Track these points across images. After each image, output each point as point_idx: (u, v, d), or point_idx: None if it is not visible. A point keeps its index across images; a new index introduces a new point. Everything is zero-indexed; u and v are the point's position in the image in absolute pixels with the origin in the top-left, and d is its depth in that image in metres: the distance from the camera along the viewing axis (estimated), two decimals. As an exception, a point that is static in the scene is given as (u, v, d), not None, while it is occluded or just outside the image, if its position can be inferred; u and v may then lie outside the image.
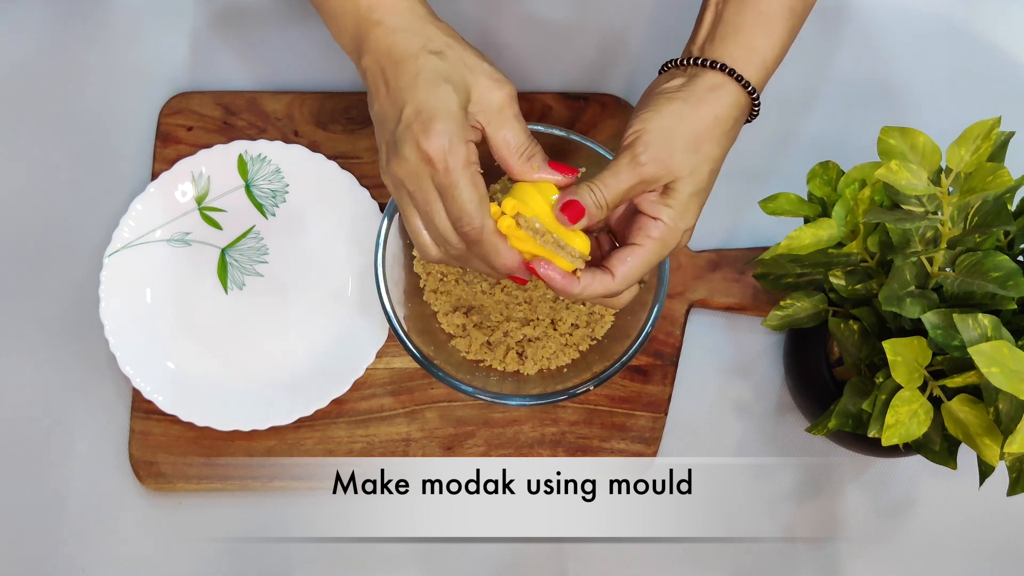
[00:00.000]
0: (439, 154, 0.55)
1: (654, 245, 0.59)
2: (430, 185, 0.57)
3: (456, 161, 0.56)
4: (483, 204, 0.57)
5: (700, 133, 0.59)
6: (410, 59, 0.57)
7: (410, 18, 0.59)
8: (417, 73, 0.57)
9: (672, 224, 0.59)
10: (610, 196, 0.58)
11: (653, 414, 0.77)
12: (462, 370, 0.72)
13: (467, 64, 0.58)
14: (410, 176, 0.57)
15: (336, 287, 0.78)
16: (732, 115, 0.60)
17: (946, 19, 0.85)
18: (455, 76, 0.57)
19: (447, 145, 0.55)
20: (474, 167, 0.57)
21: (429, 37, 0.58)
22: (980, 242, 0.58)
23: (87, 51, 0.83)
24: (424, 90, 0.56)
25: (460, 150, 0.56)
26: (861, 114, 0.82)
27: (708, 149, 0.59)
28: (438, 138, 0.55)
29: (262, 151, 0.79)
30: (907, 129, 0.59)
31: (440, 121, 0.55)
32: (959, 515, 0.77)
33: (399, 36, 0.58)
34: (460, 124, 0.56)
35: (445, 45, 0.58)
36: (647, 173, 0.58)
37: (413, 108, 0.56)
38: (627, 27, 0.84)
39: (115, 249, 0.76)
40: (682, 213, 0.59)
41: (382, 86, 0.58)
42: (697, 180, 0.59)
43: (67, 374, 0.78)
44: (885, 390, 0.58)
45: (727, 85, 0.59)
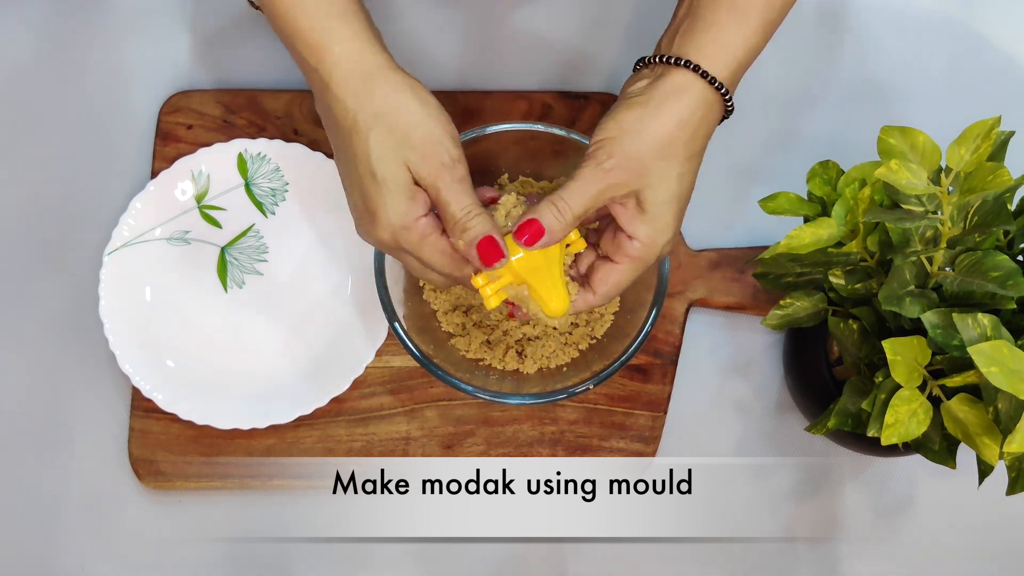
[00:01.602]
0: (392, 242, 0.58)
1: (632, 263, 0.60)
2: (397, 252, 0.60)
3: (410, 242, 0.58)
4: (452, 260, 0.59)
5: (663, 138, 0.57)
6: (346, 134, 0.58)
7: (344, 73, 0.57)
8: (355, 154, 0.57)
9: (649, 241, 0.59)
10: (575, 207, 0.57)
11: (652, 413, 0.77)
12: (461, 369, 0.72)
13: (403, 136, 0.57)
14: (378, 244, 0.60)
15: (335, 286, 0.78)
16: (698, 115, 0.58)
17: (946, 19, 0.85)
18: (388, 156, 0.57)
19: (394, 235, 0.58)
20: (430, 238, 0.58)
21: (360, 107, 0.57)
22: (980, 242, 0.58)
23: (87, 49, 0.83)
24: (364, 178, 0.57)
25: (408, 235, 0.58)
26: (861, 114, 0.82)
27: (674, 153, 0.57)
28: (385, 230, 0.58)
29: (262, 150, 0.79)
30: (907, 128, 0.59)
31: (382, 214, 0.57)
32: (958, 514, 0.77)
33: (331, 97, 0.58)
34: (402, 213, 0.57)
35: (377, 120, 0.57)
36: (612, 179, 0.57)
37: (358, 193, 0.58)
38: (627, 26, 0.84)
39: (115, 247, 0.76)
40: (658, 228, 0.59)
41: (332, 140, 0.60)
42: (667, 188, 0.58)
43: (67, 372, 0.78)
44: (884, 389, 0.58)
45: (692, 85, 0.57)
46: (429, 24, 0.84)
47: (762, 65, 0.81)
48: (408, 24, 0.84)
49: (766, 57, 0.72)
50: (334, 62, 0.57)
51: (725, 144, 0.75)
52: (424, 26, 0.84)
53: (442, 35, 0.84)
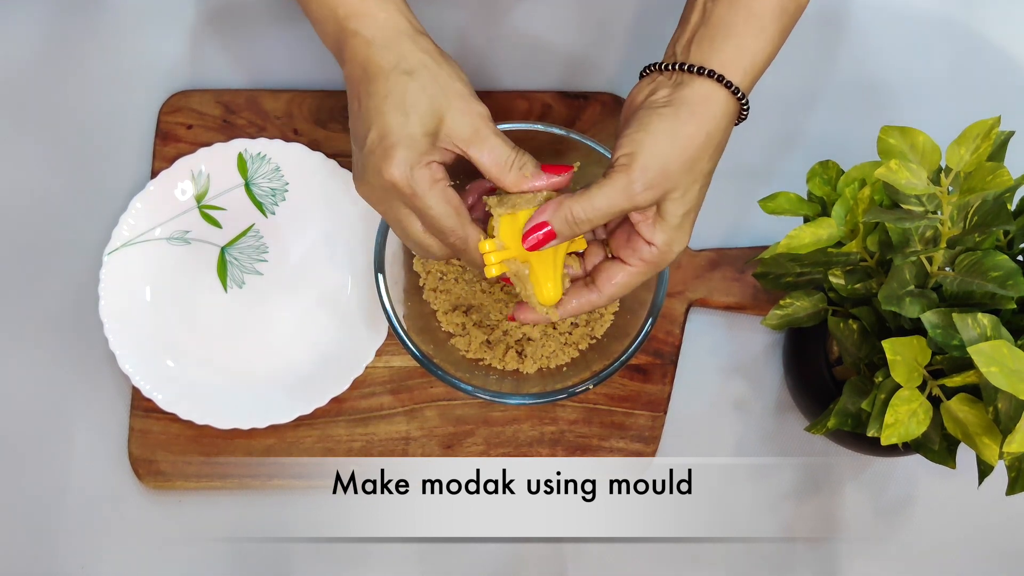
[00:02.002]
0: (403, 180, 0.56)
1: (645, 267, 0.60)
2: (399, 205, 0.58)
3: (421, 185, 0.57)
4: (459, 216, 0.58)
5: (693, 153, 0.56)
6: (381, 78, 0.57)
7: (388, 31, 0.58)
8: (386, 95, 0.57)
9: (666, 248, 0.59)
10: (592, 217, 0.57)
11: (652, 413, 0.77)
12: (461, 369, 0.72)
13: (440, 85, 0.57)
14: (378, 199, 0.59)
15: (335, 285, 0.78)
16: (723, 126, 0.58)
17: (946, 19, 0.85)
18: (424, 99, 0.57)
19: (408, 171, 0.56)
20: (441, 184, 0.57)
21: (403, 55, 0.58)
22: (980, 242, 0.58)
23: (87, 49, 0.83)
24: (389, 115, 0.56)
25: (423, 174, 0.57)
26: (861, 113, 0.82)
27: (700, 167, 0.57)
28: (399, 166, 0.56)
29: (262, 149, 0.79)
30: (907, 128, 0.59)
31: (400, 148, 0.56)
32: (958, 514, 0.77)
33: (373, 51, 0.58)
34: (421, 150, 0.56)
35: (419, 64, 0.57)
36: (641, 200, 0.56)
37: (377, 133, 0.57)
38: (627, 26, 0.84)
39: (115, 247, 0.76)
40: (676, 237, 0.59)
41: (355, 102, 0.59)
42: (688, 199, 0.58)
43: (67, 372, 0.78)
44: (884, 389, 0.58)
45: (716, 94, 0.57)
46: (429, 24, 0.83)
47: (762, 65, 0.82)
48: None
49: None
50: (380, 25, 0.58)
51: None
52: (424, 26, 0.84)
53: (442, 35, 0.83)
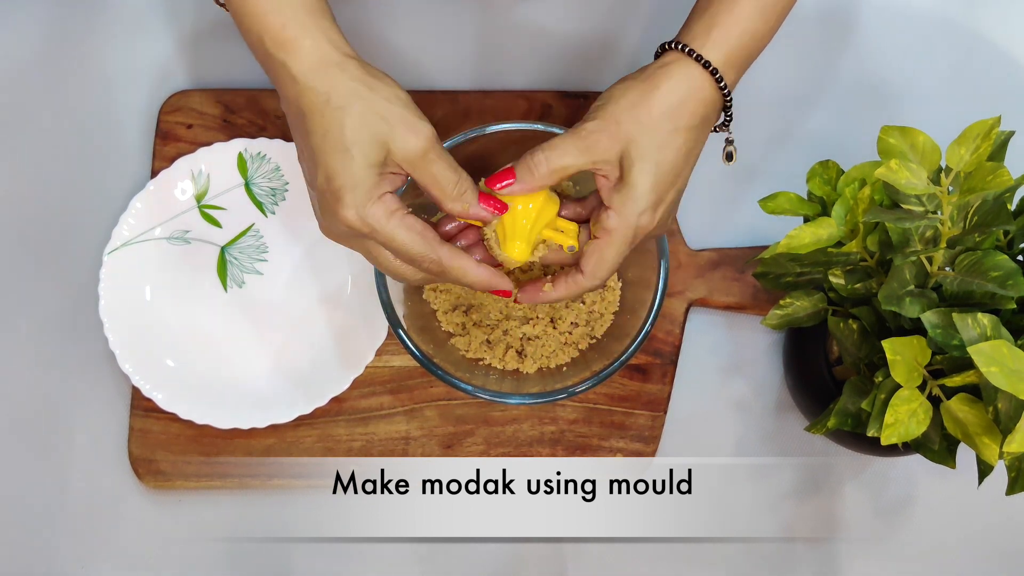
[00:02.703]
0: (357, 221, 0.56)
1: (610, 237, 0.59)
2: (363, 241, 0.58)
3: (378, 221, 0.57)
4: (425, 239, 0.58)
5: (641, 104, 0.58)
6: (316, 115, 0.56)
7: (314, 61, 0.57)
8: (324, 134, 0.56)
9: (622, 209, 0.59)
10: (550, 161, 0.58)
11: (652, 413, 0.77)
12: (461, 368, 0.72)
13: (379, 113, 0.56)
14: (342, 238, 0.59)
15: (335, 285, 0.78)
16: (682, 87, 0.59)
17: (946, 19, 0.85)
18: (364, 132, 0.56)
19: (361, 211, 0.56)
20: (398, 214, 0.57)
21: (334, 87, 0.56)
22: (980, 241, 0.58)
23: (87, 49, 0.83)
24: (330, 155, 0.56)
25: (376, 210, 0.56)
26: (861, 113, 0.82)
27: (653, 121, 0.58)
28: (349, 208, 0.56)
29: (262, 149, 0.79)
30: (907, 128, 0.59)
31: (347, 191, 0.56)
32: (958, 514, 0.77)
33: (301, 87, 0.57)
34: (368, 186, 0.56)
35: (352, 95, 0.56)
36: (590, 140, 0.58)
37: (324, 175, 0.56)
38: (627, 25, 0.84)
39: (115, 247, 0.76)
40: (633, 196, 0.58)
41: (297, 138, 0.59)
42: (645, 156, 0.58)
43: (66, 372, 0.78)
44: (884, 389, 0.58)
45: (679, 61, 0.59)
46: (429, 24, 0.84)
47: (762, 65, 0.82)
48: (409, 24, 0.84)
49: (766, 57, 0.72)
50: (304, 55, 0.57)
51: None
52: (424, 26, 0.84)
53: (442, 35, 0.84)
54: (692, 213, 0.79)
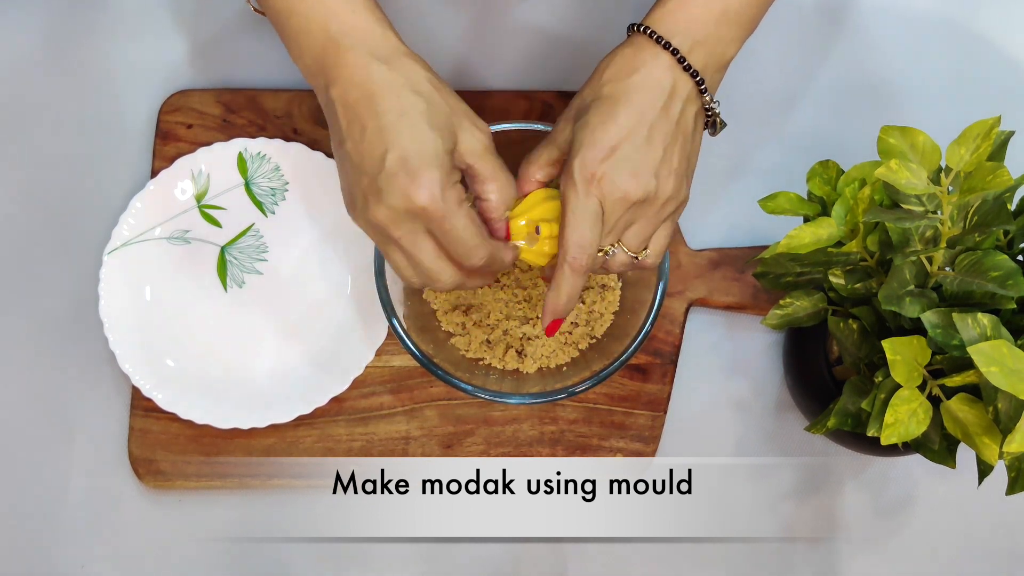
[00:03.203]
0: (433, 203, 0.55)
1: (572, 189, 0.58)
2: (418, 229, 0.57)
3: (450, 207, 0.56)
4: (483, 232, 0.58)
5: (593, 76, 0.60)
6: (392, 96, 0.55)
7: (387, 49, 0.57)
8: (402, 113, 0.55)
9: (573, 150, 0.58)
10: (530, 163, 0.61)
11: (652, 413, 0.77)
12: (461, 368, 0.72)
13: (451, 106, 0.57)
14: (395, 223, 0.56)
15: (335, 285, 0.78)
16: (628, 57, 0.59)
17: (946, 19, 0.85)
18: (440, 119, 0.56)
19: (439, 193, 0.55)
20: (467, 203, 0.57)
21: (409, 74, 0.56)
22: (979, 241, 0.58)
23: (87, 49, 0.83)
24: (409, 135, 0.55)
25: (451, 195, 0.56)
26: (861, 113, 0.82)
27: (602, 87, 0.59)
28: (429, 188, 0.54)
29: (262, 149, 0.79)
30: (907, 128, 0.59)
31: (429, 170, 0.55)
32: (958, 514, 0.77)
33: (376, 69, 0.56)
34: (448, 170, 0.56)
35: (428, 84, 0.57)
36: (555, 128, 0.61)
37: (398, 154, 0.55)
38: (627, 25, 0.84)
39: (115, 247, 0.76)
40: (581, 138, 0.58)
41: (357, 124, 0.56)
42: (593, 111, 0.58)
43: (66, 372, 0.78)
44: (884, 389, 0.58)
45: (633, 39, 0.60)
46: (429, 23, 0.84)
47: (761, 64, 0.82)
48: (408, 23, 0.83)
49: (765, 56, 0.72)
50: (378, 40, 0.57)
51: (725, 144, 0.75)
52: (424, 25, 0.84)
53: (442, 34, 0.84)
54: (692, 213, 0.78)
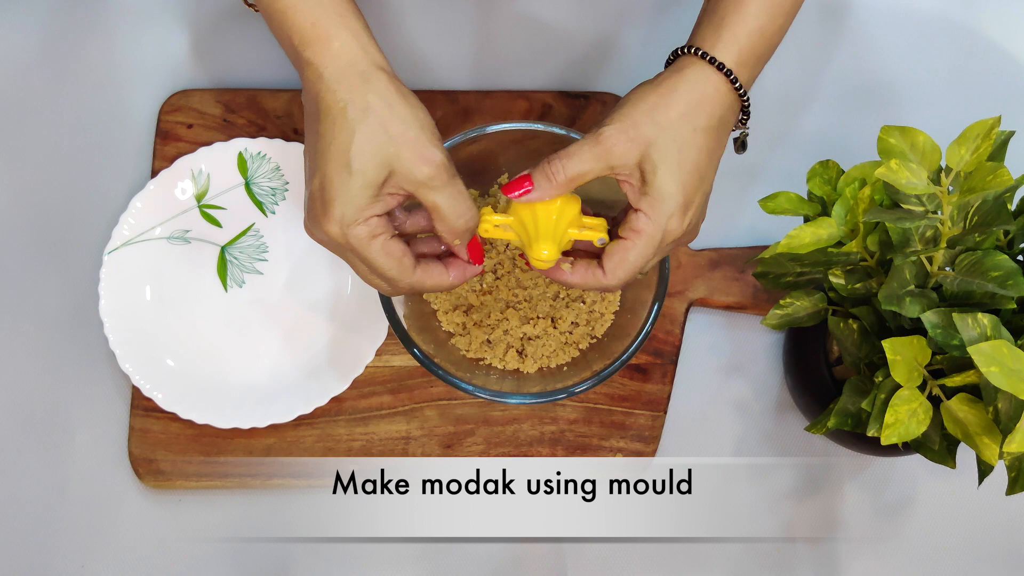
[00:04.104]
0: (340, 237, 0.57)
1: (639, 239, 0.59)
2: (343, 251, 0.59)
3: (360, 241, 0.57)
4: (401, 266, 0.59)
5: (658, 105, 0.58)
6: (328, 119, 0.56)
7: (340, 63, 0.57)
8: (331, 141, 0.56)
9: (652, 211, 0.58)
10: (567, 168, 0.58)
11: (652, 413, 0.77)
12: (462, 368, 0.72)
13: (389, 133, 0.56)
14: (323, 243, 0.59)
15: (336, 285, 0.78)
16: (699, 91, 0.59)
17: (946, 19, 0.85)
18: (369, 150, 0.56)
19: (344, 229, 0.56)
20: (380, 239, 0.58)
21: (352, 95, 0.56)
22: (980, 241, 0.58)
23: (87, 48, 0.83)
24: (331, 164, 0.56)
25: (359, 231, 0.57)
26: (861, 113, 0.82)
27: (671, 121, 0.58)
28: (335, 223, 0.56)
29: (262, 149, 0.79)
30: (907, 128, 0.59)
31: (336, 205, 0.56)
32: (958, 514, 0.77)
33: (322, 87, 0.57)
34: (359, 206, 0.56)
35: (368, 109, 0.56)
36: (607, 143, 0.57)
37: (319, 181, 0.57)
38: (627, 25, 0.84)
39: (115, 246, 0.76)
40: (661, 197, 0.58)
41: (308, 133, 0.59)
42: (667, 157, 0.58)
43: (66, 371, 0.78)
44: (884, 389, 0.58)
45: (693, 64, 0.59)
46: (429, 24, 0.84)
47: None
48: (408, 24, 0.84)
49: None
50: (332, 56, 0.57)
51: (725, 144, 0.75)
52: (424, 26, 0.84)
53: (442, 35, 0.84)
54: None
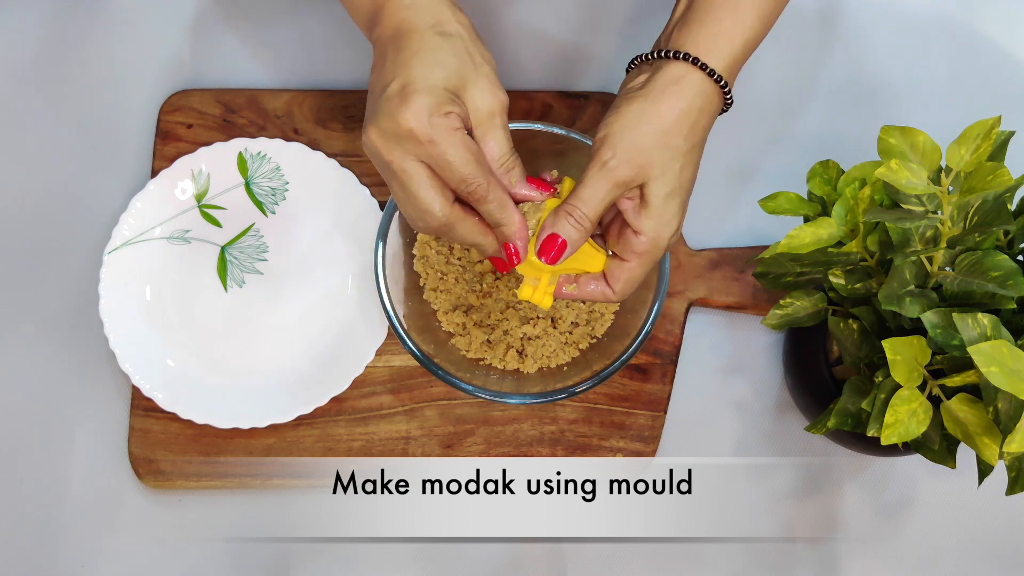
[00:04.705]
0: (419, 127, 0.54)
1: (640, 259, 0.60)
2: (408, 155, 0.55)
3: (440, 132, 0.54)
4: (480, 163, 0.56)
5: (666, 129, 0.57)
6: (415, 35, 0.56)
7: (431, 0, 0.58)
8: (417, 51, 0.56)
9: (654, 235, 0.59)
10: (591, 213, 0.58)
11: (652, 413, 0.77)
12: (462, 368, 0.72)
13: (472, 58, 0.57)
14: (386, 146, 0.55)
15: (336, 285, 0.78)
16: (697, 106, 0.58)
17: (946, 18, 0.85)
18: (454, 62, 0.56)
19: (427, 118, 0.54)
20: (460, 132, 0.55)
21: (441, 19, 0.57)
22: (980, 241, 0.58)
23: (87, 48, 0.83)
24: (415, 67, 0.55)
25: (441, 121, 0.54)
26: (861, 113, 0.82)
27: (675, 144, 0.58)
28: (418, 112, 0.54)
29: (262, 149, 0.79)
30: (907, 128, 0.59)
31: (420, 95, 0.54)
32: (958, 514, 0.77)
33: (410, 11, 0.57)
34: (442, 100, 0.55)
35: (456, 31, 0.57)
36: (619, 176, 0.57)
37: (399, 82, 0.55)
38: (628, 25, 0.84)
39: (115, 246, 0.76)
40: (663, 222, 0.59)
41: (381, 59, 0.57)
42: (669, 180, 0.58)
43: (66, 371, 0.78)
44: (884, 389, 0.58)
45: (689, 75, 0.58)
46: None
47: (762, 65, 0.82)
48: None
49: (765, 57, 0.72)
50: None
51: (724, 144, 0.75)
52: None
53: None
54: (692, 213, 0.77)
